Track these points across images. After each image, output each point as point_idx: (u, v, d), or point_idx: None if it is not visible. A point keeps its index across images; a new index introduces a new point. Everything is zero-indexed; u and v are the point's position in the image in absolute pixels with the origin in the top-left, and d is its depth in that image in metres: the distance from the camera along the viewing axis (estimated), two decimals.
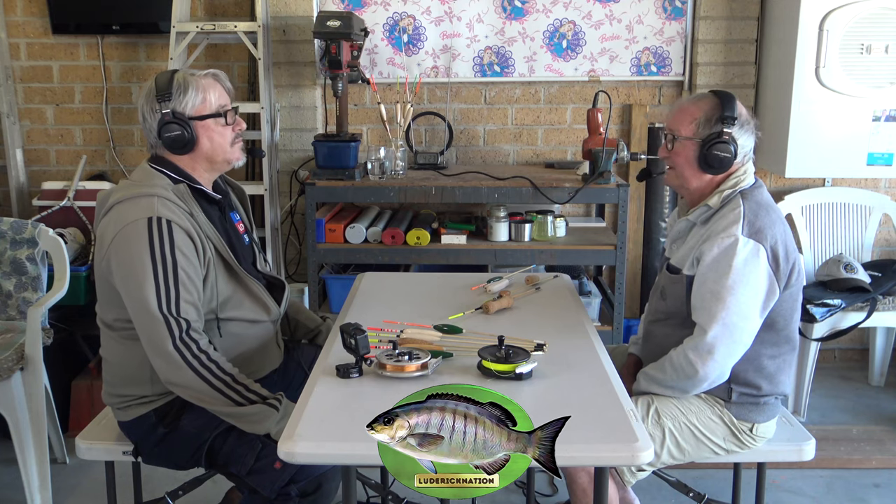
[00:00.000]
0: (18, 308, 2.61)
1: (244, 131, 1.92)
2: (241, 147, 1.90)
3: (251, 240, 2.03)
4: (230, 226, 1.94)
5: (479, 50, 3.37)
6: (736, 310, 1.74)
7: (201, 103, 1.80)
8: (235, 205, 2.03)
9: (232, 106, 1.87)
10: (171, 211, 1.72)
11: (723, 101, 1.86)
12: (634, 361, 2.08)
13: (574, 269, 3.25)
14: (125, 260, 1.69)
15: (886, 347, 3.39)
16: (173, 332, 1.66)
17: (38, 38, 3.43)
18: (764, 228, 1.77)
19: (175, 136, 1.78)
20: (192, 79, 1.81)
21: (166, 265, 1.67)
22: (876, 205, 3.29)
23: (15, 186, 3.47)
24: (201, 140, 1.81)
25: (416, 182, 2.96)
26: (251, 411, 1.71)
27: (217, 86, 1.85)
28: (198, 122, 1.80)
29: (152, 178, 1.78)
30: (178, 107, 1.78)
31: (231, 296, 1.84)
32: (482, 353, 1.61)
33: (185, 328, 1.67)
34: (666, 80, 3.40)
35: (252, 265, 1.98)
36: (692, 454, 1.86)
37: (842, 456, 2.76)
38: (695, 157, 1.86)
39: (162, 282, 1.66)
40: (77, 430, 2.04)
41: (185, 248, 1.71)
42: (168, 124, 1.77)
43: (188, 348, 1.67)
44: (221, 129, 1.84)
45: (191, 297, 1.70)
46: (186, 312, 1.69)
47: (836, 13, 2.91)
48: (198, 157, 1.84)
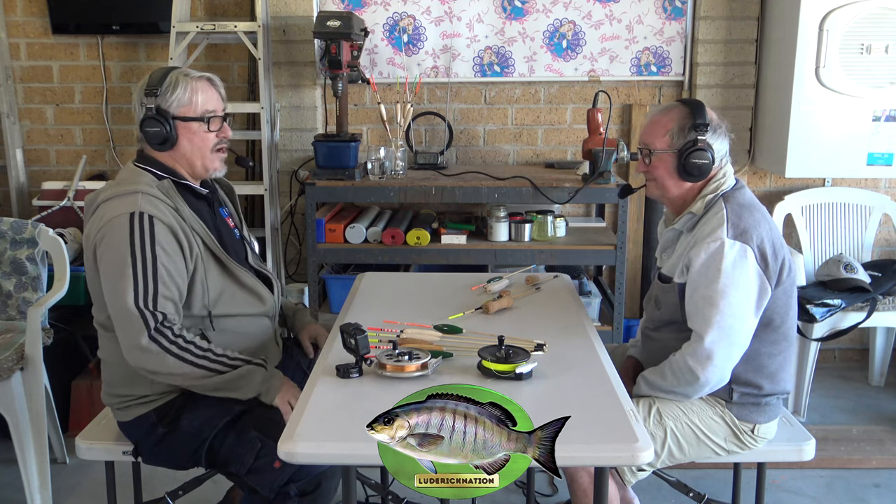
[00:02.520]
0: (18, 308, 2.61)
1: (229, 139, 1.90)
2: (222, 158, 1.89)
3: (242, 235, 2.03)
4: (220, 221, 1.94)
5: (479, 50, 3.37)
6: (730, 312, 1.74)
7: (187, 104, 1.80)
8: (224, 200, 2.04)
9: (222, 113, 1.87)
10: (154, 206, 1.72)
11: (693, 110, 1.86)
12: (633, 364, 2.08)
13: (574, 269, 3.25)
14: (108, 257, 1.70)
15: (886, 347, 3.39)
16: (148, 324, 1.67)
17: (38, 38, 3.43)
18: (749, 229, 1.77)
19: (154, 132, 1.79)
20: (183, 79, 1.81)
21: (146, 260, 1.68)
22: (876, 205, 3.29)
23: (15, 186, 3.47)
24: (181, 140, 1.82)
25: (416, 182, 2.96)
26: (239, 374, 1.73)
27: (209, 90, 1.84)
28: (180, 122, 1.80)
29: (137, 176, 1.79)
30: (163, 104, 1.78)
31: (223, 290, 1.84)
32: (482, 353, 1.61)
33: (160, 320, 1.68)
34: (666, 80, 3.40)
35: (245, 260, 1.98)
36: (693, 454, 1.86)
37: (842, 456, 2.75)
38: (674, 167, 1.87)
39: (140, 277, 1.67)
40: (77, 430, 2.04)
41: (166, 243, 1.71)
42: (149, 119, 1.78)
43: (164, 336, 1.68)
44: (203, 134, 1.84)
45: (169, 293, 1.71)
46: (164, 307, 1.69)
47: (836, 13, 2.91)
48: (178, 156, 1.84)
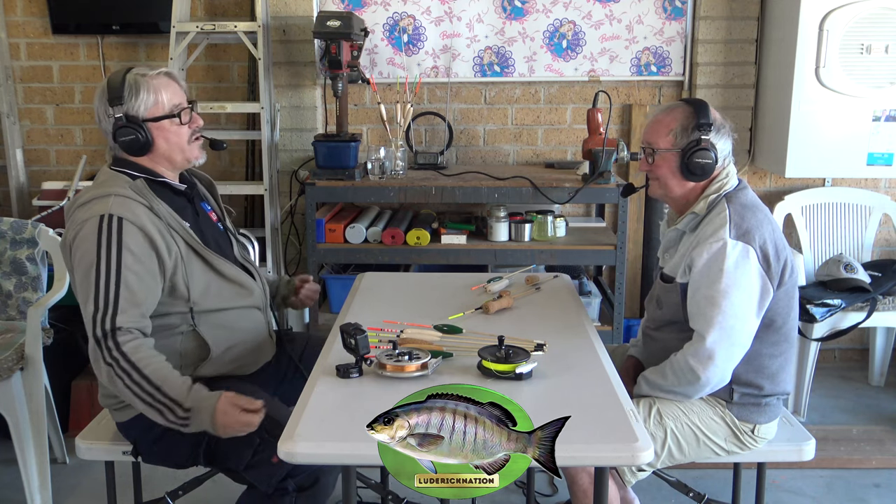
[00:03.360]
0: (18, 308, 2.61)
1: (202, 127, 1.90)
2: (200, 145, 1.89)
3: (226, 227, 2.03)
4: (202, 215, 1.94)
5: (479, 50, 3.36)
6: (732, 313, 1.74)
7: (154, 105, 1.79)
8: (204, 194, 2.03)
9: (188, 103, 1.86)
10: (126, 208, 1.71)
11: (696, 109, 1.86)
12: (634, 364, 2.08)
13: (574, 269, 3.25)
14: (77, 258, 1.70)
15: (886, 347, 3.39)
16: (97, 335, 1.64)
17: (38, 38, 3.43)
18: (751, 229, 1.77)
19: (130, 141, 1.77)
20: (143, 80, 1.79)
21: (110, 264, 1.66)
22: (876, 205, 3.29)
23: (15, 186, 3.47)
24: (157, 141, 1.81)
25: (416, 182, 2.96)
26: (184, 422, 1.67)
27: (171, 84, 1.83)
28: (152, 123, 1.79)
29: (113, 179, 1.78)
30: (130, 110, 1.77)
31: (209, 285, 1.83)
32: (482, 353, 1.61)
33: (109, 329, 1.64)
34: (666, 80, 3.40)
35: (231, 252, 1.98)
36: (693, 455, 1.86)
37: (842, 456, 2.75)
38: (677, 167, 1.87)
39: (103, 283, 1.65)
40: (77, 430, 2.04)
41: (134, 245, 1.69)
42: (122, 128, 1.76)
43: (108, 350, 1.64)
44: (177, 128, 1.83)
45: (133, 298, 1.68)
46: (123, 314, 1.65)
47: (836, 13, 2.91)
48: (156, 157, 1.84)
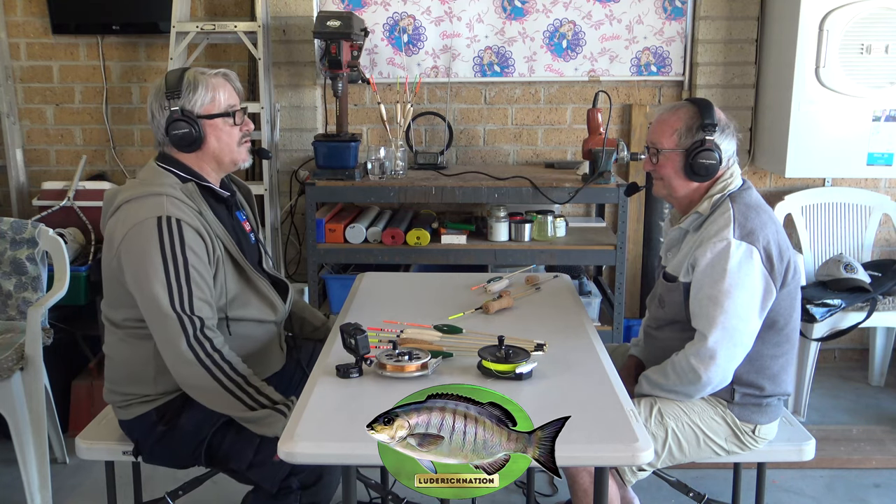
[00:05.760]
0: (18, 308, 2.61)
1: (252, 132, 1.92)
2: (248, 148, 1.91)
3: (257, 239, 2.03)
4: (237, 224, 1.94)
5: (479, 50, 3.36)
6: (734, 313, 1.74)
7: (210, 102, 1.80)
8: (241, 203, 2.03)
9: (241, 106, 1.88)
10: (179, 210, 1.72)
11: (701, 109, 1.85)
12: (635, 363, 2.08)
13: (574, 269, 3.25)
14: (136, 260, 1.69)
15: (886, 347, 3.39)
16: (187, 330, 1.66)
17: (38, 38, 3.43)
18: (755, 230, 1.77)
19: (182, 134, 1.78)
20: (202, 77, 1.81)
21: (177, 264, 1.67)
22: (876, 205, 3.29)
23: (15, 186, 3.47)
24: (209, 139, 1.82)
25: (416, 182, 2.96)
26: (260, 416, 1.70)
27: (227, 85, 1.85)
28: (206, 120, 1.80)
29: (161, 177, 1.78)
30: (186, 105, 1.78)
31: (238, 294, 1.83)
32: (482, 353, 1.61)
33: (199, 326, 1.67)
34: (666, 80, 3.39)
35: (258, 264, 1.98)
36: (693, 454, 1.86)
37: (842, 456, 2.75)
38: (681, 167, 1.87)
39: (174, 280, 1.66)
40: (77, 430, 2.04)
41: (195, 246, 1.71)
42: (176, 122, 1.77)
43: (202, 346, 1.67)
44: (229, 128, 1.84)
45: (203, 295, 1.70)
46: (200, 310, 1.68)
47: (836, 13, 2.91)
48: (205, 155, 1.84)
